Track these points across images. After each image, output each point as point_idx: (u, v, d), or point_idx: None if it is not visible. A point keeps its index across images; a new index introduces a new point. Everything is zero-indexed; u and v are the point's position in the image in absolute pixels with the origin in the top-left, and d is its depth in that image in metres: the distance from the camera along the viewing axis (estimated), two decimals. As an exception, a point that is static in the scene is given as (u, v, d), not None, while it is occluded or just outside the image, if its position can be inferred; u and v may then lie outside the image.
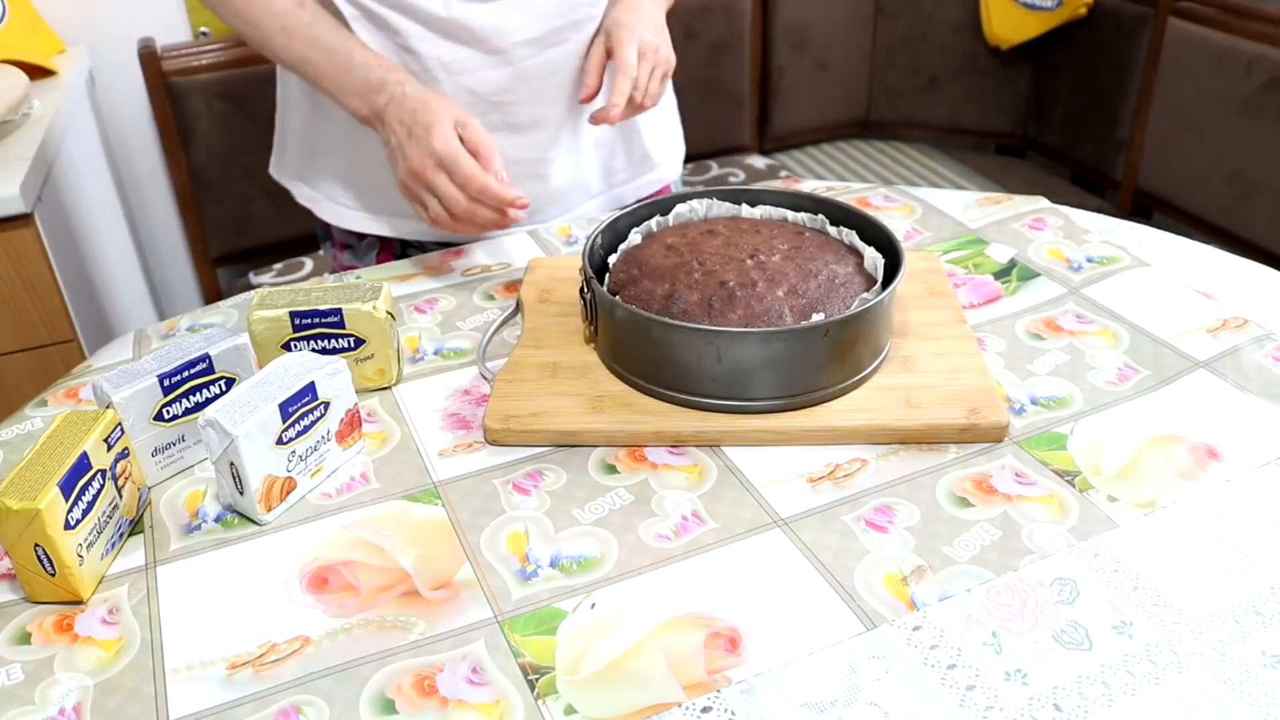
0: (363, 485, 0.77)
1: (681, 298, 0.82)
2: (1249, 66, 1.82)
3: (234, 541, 0.72)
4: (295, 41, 0.98)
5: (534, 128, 1.07)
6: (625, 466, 0.78)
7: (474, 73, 1.02)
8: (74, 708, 0.61)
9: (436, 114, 0.92)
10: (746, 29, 2.20)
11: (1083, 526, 0.71)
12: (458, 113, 0.94)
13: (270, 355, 0.84)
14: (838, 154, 2.40)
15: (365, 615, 0.66)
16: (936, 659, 0.62)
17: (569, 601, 0.66)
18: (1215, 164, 1.92)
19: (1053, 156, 2.31)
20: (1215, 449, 0.77)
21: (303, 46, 0.98)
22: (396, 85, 0.95)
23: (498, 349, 0.92)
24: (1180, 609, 0.64)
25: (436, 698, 0.60)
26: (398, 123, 0.94)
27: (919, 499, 0.73)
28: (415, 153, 0.92)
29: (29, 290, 1.37)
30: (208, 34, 1.89)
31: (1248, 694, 0.59)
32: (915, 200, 1.16)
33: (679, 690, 0.60)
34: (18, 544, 0.65)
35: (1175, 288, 0.96)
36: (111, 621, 0.67)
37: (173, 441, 0.78)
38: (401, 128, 0.94)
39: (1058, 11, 2.12)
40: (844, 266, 0.85)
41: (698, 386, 0.79)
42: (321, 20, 0.98)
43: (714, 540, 0.71)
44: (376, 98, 0.95)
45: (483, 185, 0.90)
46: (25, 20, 1.67)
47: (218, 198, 1.88)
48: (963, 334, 0.87)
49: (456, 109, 0.94)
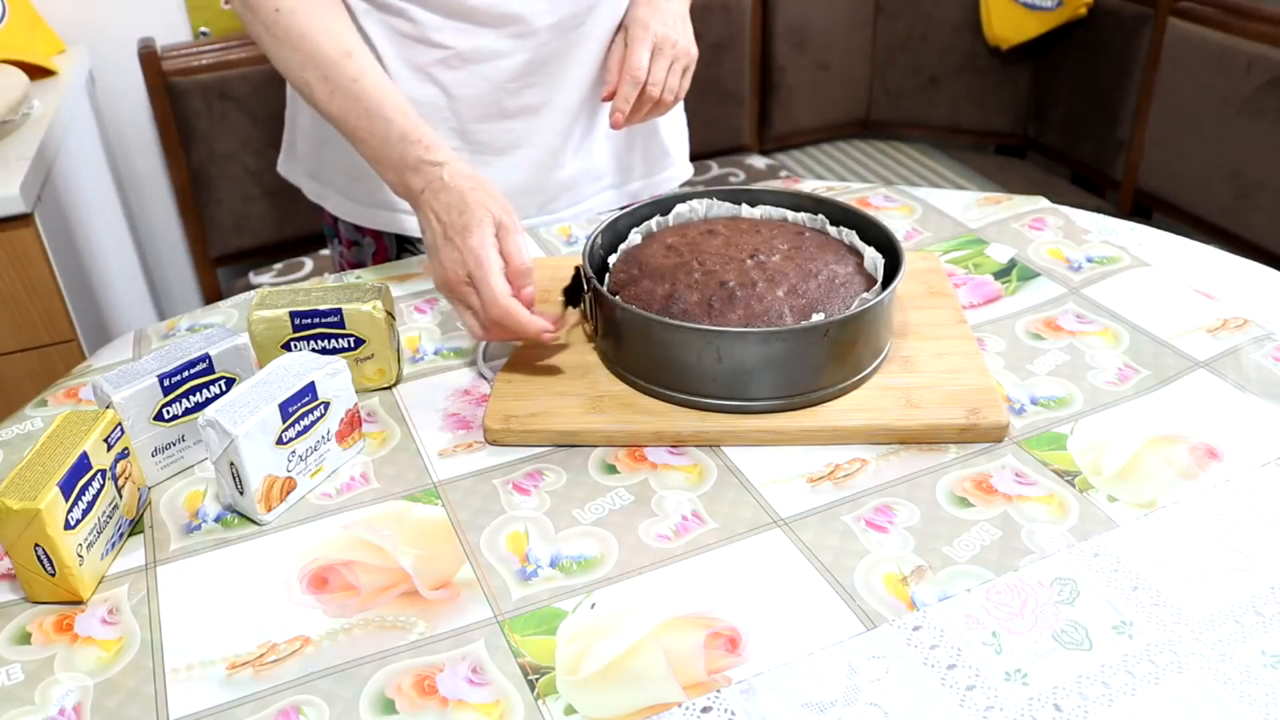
0: (363, 485, 0.77)
1: (681, 298, 0.82)
2: (1249, 66, 1.82)
3: (234, 541, 0.72)
4: (336, 96, 0.91)
5: (549, 113, 1.07)
6: (625, 466, 0.78)
7: (492, 60, 1.01)
8: (74, 708, 0.61)
9: (476, 214, 0.83)
10: (746, 29, 2.20)
11: (1083, 526, 0.71)
12: (498, 211, 0.84)
13: (270, 355, 0.84)
14: (838, 154, 2.40)
15: (365, 615, 0.66)
16: (936, 659, 0.62)
17: (569, 601, 0.66)
18: (1215, 164, 1.92)
19: (1053, 156, 2.31)
20: (1215, 449, 0.77)
21: (343, 102, 0.91)
22: (434, 170, 0.86)
23: (498, 349, 0.92)
24: (1180, 609, 0.64)
25: (436, 698, 0.60)
26: (435, 218, 0.86)
27: (919, 499, 0.73)
28: (450, 260, 0.84)
29: (29, 290, 1.37)
30: (208, 34, 1.89)
31: (1248, 694, 0.59)
32: (915, 200, 1.16)
33: (679, 690, 0.60)
34: (18, 544, 0.65)
35: (1175, 288, 0.96)
36: (111, 621, 0.67)
37: (173, 441, 0.78)
38: (439, 225, 0.85)
39: (1058, 11, 2.12)
40: (844, 266, 0.85)
41: (698, 386, 0.79)
42: (368, 75, 0.91)
43: (714, 540, 0.71)
44: (413, 180, 0.88)
45: (503, 312, 0.81)
46: (25, 20, 1.67)
47: (218, 198, 1.88)
48: (963, 334, 0.87)
49: (497, 205, 0.84)
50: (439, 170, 0.86)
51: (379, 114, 0.89)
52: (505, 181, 1.02)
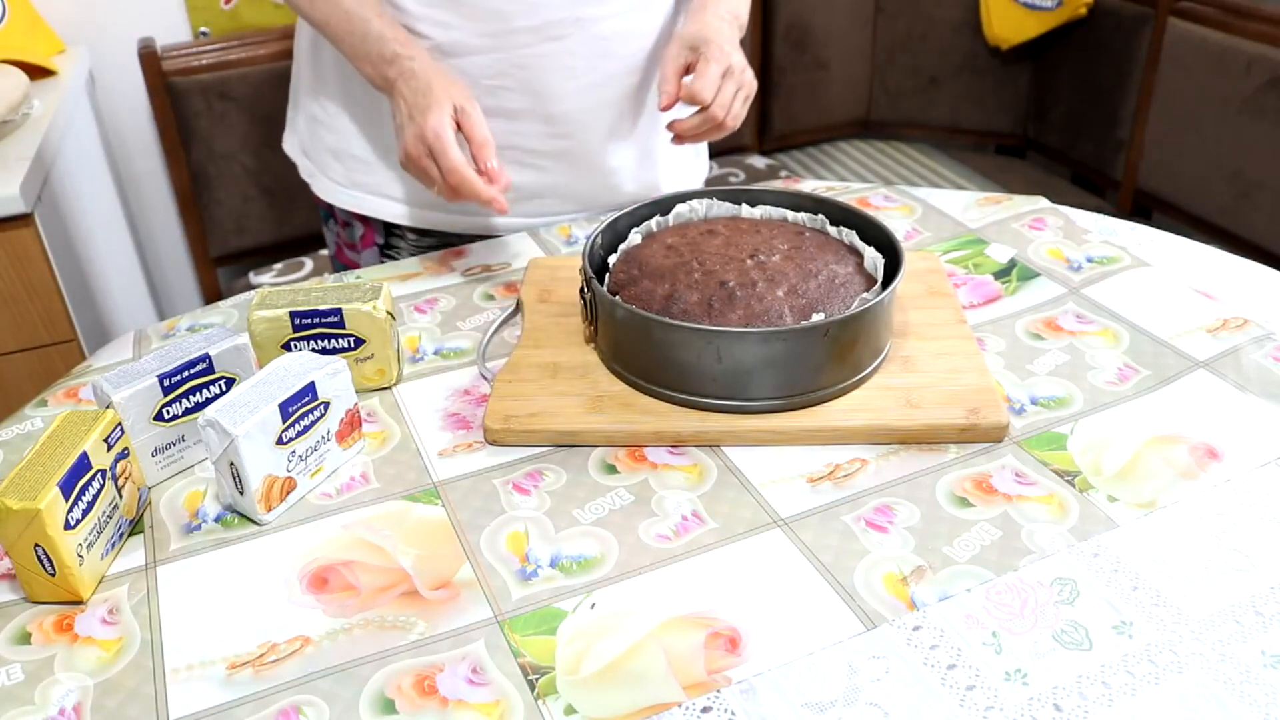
0: (363, 485, 0.77)
1: (681, 298, 0.82)
2: (1249, 66, 1.82)
3: (234, 541, 0.72)
4: (319, 2, 1.00)
5: (528, 122, 1.06)
6: (625, 466, 0.78)
7: (468, 56, 1.02)
8: (74, 708, 0.61)
9: (436, 97, 0.93)
10: (747, 29, 2.20)
11: (1083, 526, 0.71)
12: (459, 95, 0.94)
13: (270, 355, 0.84)
14: (838, 154, 2.40)
15: (365, 615, 0.66)
16: (936, 659, 0.62)
17: (569, 601, 0.66)
18: (1215, 164, 1.92)
19: (1053, 156, 2.31)
20: (1215, 449, 0.77)
21: (325, 7, 0.99)
22: (408, 61, 0.96)
23: (498, 349, 0.92)
24: (1180, 609, 0.64)
25: (436, 698, 0.60)
26: (403, 100, 0.95)
27: (919, 499, 0.73)
28: (411, 135, 0.93)
29: (29, 290, 1.37)
30: (208, 34, 1.89)
31: (1248, 694, 0.59)
32: (915, 200, 1.16)
33: (679, 690, 0.60)
34: (18, 544, 0.65)
35: (1175, 288, 0.96)
36: (111, 621, 0.67)
37: (173, 441, 0.78)
38: (405, 106, 0.95)
39: (1058, 11, 2.12)
40: (844, 266, 0.85)
41: (698, 386, 0.79)
42: None
43: (714, 540, 0.71)
44: (388, 70, 0.97)
45: (460, 180, 0.91)
46: (25, 20, 1.67)
47: (218, 198, 1.88)
48: (963, 334, 0.87)
49: (459, 92, 0.94)
50: (412, 62, 0.96)
51: (358, 14, 0.98)
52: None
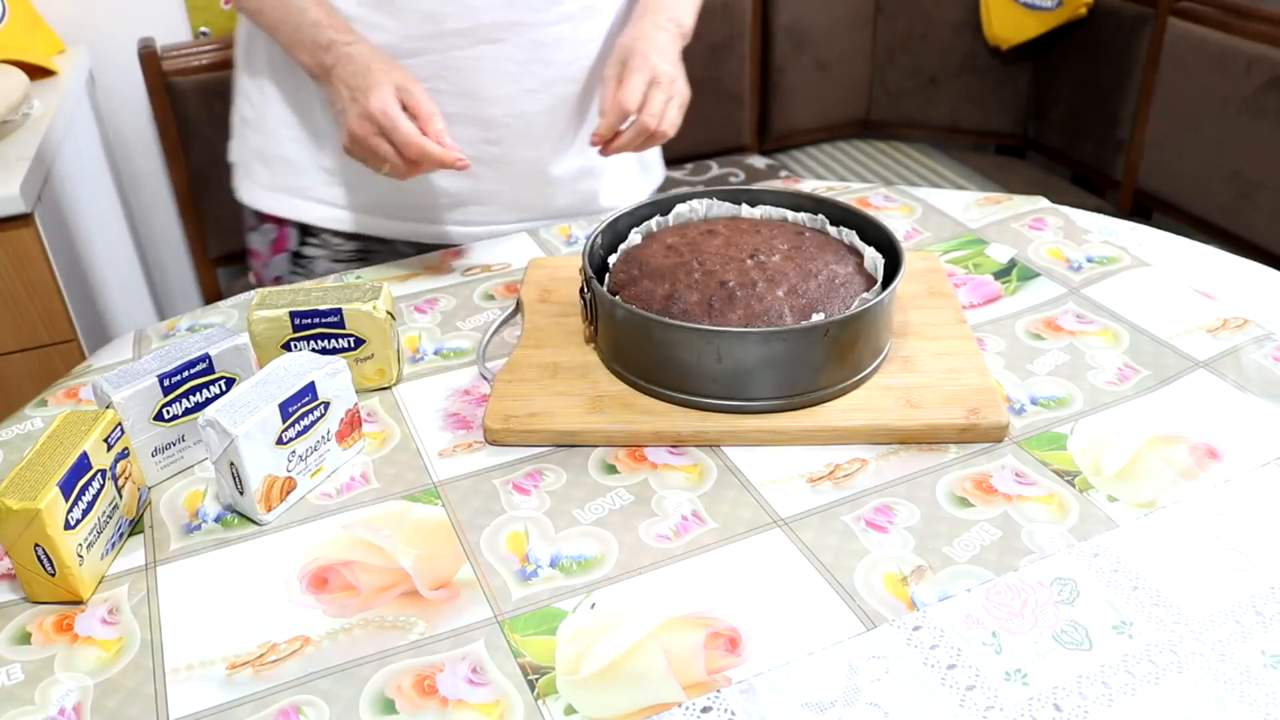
0: (363, 485, 0.77)
1: (681, 298, 0.82)
2: (1249, 66, 1.82)
3: (234, 541, 0.72)
4: None
5: (459, 122, 1.04)
6: (625, 466, 0.78)
7: (401, 59, 1.00)
8: (74, 708, 0.61)
9: (377, 78, 0.93)
10: (746, 29, 2.20)
11: (1083, 526, 0.71)
12: (400, 77, 0.94)
13: (270, 355, 0.84)
14: (838, 154, 2.40)
15: (365, 615, 0.66)
16: (936, 659, 0.62)
17: (569, 601, 0.66)
18: (1215, 164, 1.92)
19: (1053, 156, 2.30)
20: (1215, 449, 0.77)
21: None
22: (345, 46, 0.96)
23: (498, 349, 0.92)
24: (1180, 609, 0.64)
25: (436, 698, 0.60)
26: (342, 85, 0.95)
27: (919, 499, 0.73)
28: (355, 116, 0.93)
29: (29, 290, 1.37)
30: (208, 34, 1.89)
31: (1248, 694, 0.59)
32: (915, 200, 1.16)
33: (679, 690, 0.60)
34: (18, 544, 0.65)
35: (1175, 288, 0.96)
36: (111, 621, 0.67)
37: (173, 441, 0.78)
38: (346, 90, 0.95)
39: (1058, 11, 2.12)
40: (844, 266, 0.85)
41: (698, 386, 0.79)
42: None
43: (714, 540, 0.71)
44: (324, 56, 0.96)
45: (419, 150, 0.91)
46: (25, 20, 1.67)
47: (218, 198, 1.87)
48: (963, 334, 0.87)
49: (399, 73, 0.95)
50: (349, 47, 0.96)
51: (294, 3, 0.99)
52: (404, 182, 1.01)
